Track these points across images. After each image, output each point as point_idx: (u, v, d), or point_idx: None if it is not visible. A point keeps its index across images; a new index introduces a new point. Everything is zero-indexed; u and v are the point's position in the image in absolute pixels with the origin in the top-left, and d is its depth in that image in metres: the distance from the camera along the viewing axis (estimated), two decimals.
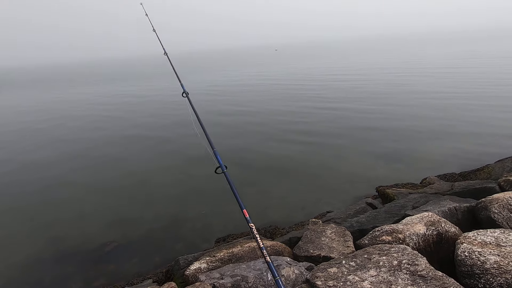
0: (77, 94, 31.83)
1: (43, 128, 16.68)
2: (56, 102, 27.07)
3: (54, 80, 57.24)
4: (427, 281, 2.48)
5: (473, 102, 14.26)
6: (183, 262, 3.79)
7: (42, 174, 9.81)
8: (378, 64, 36.95)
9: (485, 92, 16.06)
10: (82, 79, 53.81)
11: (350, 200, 6.58)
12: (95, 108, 21.72)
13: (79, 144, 12.88)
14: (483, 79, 20.05)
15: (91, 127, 15.96)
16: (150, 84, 35.97)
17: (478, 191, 4.32)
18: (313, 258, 3.29)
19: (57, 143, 13.30)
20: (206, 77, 38.79)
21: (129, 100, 24.45)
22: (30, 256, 5.66)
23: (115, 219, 6.81)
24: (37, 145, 13.26)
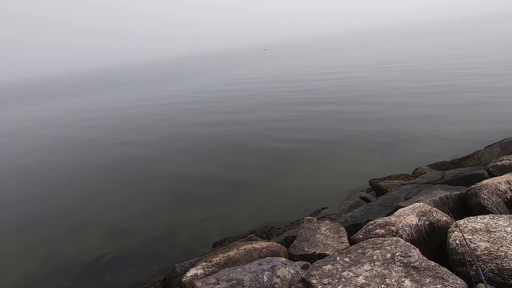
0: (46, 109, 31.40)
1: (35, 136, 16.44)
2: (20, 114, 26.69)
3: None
4: (420, 272, 2.50)
5: (462, 90, 14.44)
6: (179, 269, 3.76)
7: (33, 187, 9.66)
8: (363, 60, 37.23)
9: (474, 81, 16.28)
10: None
11: (345, 195, 6.61)
12: (80, 119, 21.46)
13: (69, 156, 12.71)
14: (470, 68, 20.33)
15: (87, 137, 15.76)
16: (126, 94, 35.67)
17: (468, 178, 4.37)
18: (308, 256, 3.29)
19: (41, 155, 13.10)
20: (192, 81, 38.63)
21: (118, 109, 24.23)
22: (25, 274, 5.56)
23: (110, 229, 6.74)
24: (29, 155, 13.05)
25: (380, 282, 2.46)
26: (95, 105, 27.68)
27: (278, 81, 26.80)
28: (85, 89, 49.68)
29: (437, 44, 42.17)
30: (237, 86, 27.62)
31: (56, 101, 36.32)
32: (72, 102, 33.36)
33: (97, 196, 8.48)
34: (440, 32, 74.87)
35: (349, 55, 44.31)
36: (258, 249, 3.65)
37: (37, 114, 26.86)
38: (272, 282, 2.85)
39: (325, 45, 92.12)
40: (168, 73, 64.11)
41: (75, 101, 33.34)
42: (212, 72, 49.44)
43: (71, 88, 58.66)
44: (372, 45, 60.17)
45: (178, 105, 21.56)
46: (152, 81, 46.94)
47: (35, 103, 38.03)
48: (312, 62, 41.47)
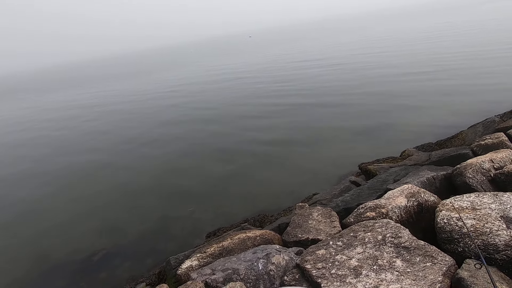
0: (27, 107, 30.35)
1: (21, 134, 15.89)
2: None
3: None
4: (411, 252, 2.57)
5: (443, 73, 14.67)
6: (174, 261, 3.76)
7: (19, 186, 9.40)
8: (344, 45, 37.23)
9: (455, 63, 16.54)
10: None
11: (335, 180, 6.70)
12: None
13: (56, 154, 12.38)
14: (453, 51, 20.61)
15: (68, 135, 15.33)
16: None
17: (453, 158, 4.48)
18: (302, 242, 3.33)
19: (30, 152, 12.72)
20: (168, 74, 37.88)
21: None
22: (17, 275, 5.47)
23: (102, 226, 6.66)
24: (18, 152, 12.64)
25: (373, 263, 2.52)
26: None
27: (264, 71, 26.56)
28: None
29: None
30: (202, 78, 27.24)
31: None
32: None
33: (87, 194, 8.32)
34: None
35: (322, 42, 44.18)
36: (252, 237, 3.67)
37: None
38: (267, 269, 2.89)
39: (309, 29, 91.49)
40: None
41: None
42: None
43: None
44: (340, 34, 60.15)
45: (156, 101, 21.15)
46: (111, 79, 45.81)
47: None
48: (296, 49, 41.20)
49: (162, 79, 32.50)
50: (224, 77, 25.59)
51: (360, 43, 34.44)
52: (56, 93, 36.75)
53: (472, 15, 46.70)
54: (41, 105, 27.96)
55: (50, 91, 39.94)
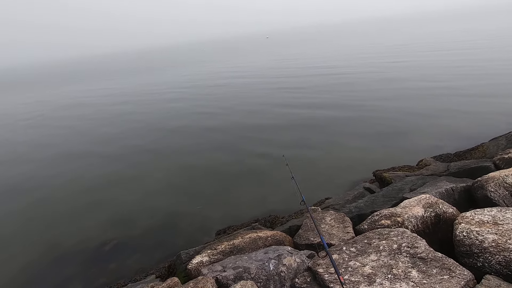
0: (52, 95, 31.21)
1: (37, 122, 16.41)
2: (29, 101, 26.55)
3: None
4: (427, 263, 2.51)
5: (465, 83, 14.27)
6: (184, 256, 3.79)
7: (36, 173, 9.70)
8: (365, 48, 36.73)
9: (476, 72, 16.08)
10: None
11: (348, 185, 6.61)
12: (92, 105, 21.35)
13: (72, 144, 12.71)
14: (474, 60, 20.05)
15: (94, 125, 15.71)
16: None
17: (474, 171, 4.35)
18: (314, 245, 3.31)
19: (47, 140, 13.10)
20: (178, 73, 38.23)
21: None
22: (29, 260, 5.62)
23: (113, 217, 6.78)
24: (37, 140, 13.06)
25: (387, 272, 2.48)
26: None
27: (278, 74, 26.51)
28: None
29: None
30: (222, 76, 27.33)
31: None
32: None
33: (99, 185, 8.50)
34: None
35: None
36: (263, 237, 3.67)
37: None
38: (278, 270, 2.88)
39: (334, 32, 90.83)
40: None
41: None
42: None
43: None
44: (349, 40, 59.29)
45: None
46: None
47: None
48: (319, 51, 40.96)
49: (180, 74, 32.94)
50: (236, 79, 25.69)
51: (378, 48, 33.94)
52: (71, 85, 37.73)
53: (497, 23, 45.30)
54: (66, 95, 28.76)
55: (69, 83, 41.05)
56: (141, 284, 3.57)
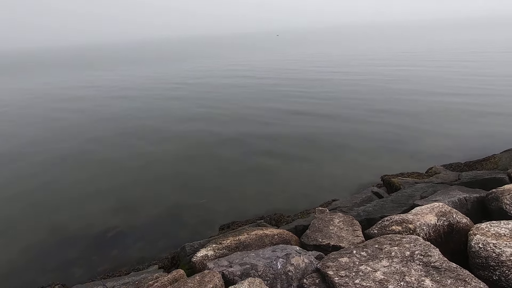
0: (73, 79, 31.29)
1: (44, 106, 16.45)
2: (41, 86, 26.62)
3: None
4: (441, 273, 2.44)
5: (476, 93, 14.10)
6: (189, 249, 3.76)
7: (41, 157, 9.72)
8: (373, 53, 36.42)
9: (487, 84, 15.87)
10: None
11: (354, 189, 6.55)
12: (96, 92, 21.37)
13: (78, 132, 12.73)
14: (488, 69, 19.81)
15: (93, 117, 15.74)
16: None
17: (487, 182, 4.27)
18: (322, 247, 3.25)
19: (55, 124, 13.14)
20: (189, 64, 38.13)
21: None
22: (33, 242, 5.63)
23: (117, 205, 6.77)
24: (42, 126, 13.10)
25: (400, 279, 2.42)
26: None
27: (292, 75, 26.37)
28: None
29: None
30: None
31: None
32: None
33: (104, 172, 8.51)
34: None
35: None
36: (269, 235, 3.62)
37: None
38: (286, 269, 2.83)
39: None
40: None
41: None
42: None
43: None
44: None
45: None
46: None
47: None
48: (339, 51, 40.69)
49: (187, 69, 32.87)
50: (245, 78, 25.60)
51: (386, 54, 33.65)
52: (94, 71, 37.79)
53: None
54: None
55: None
56: (144, 273, 3.54)
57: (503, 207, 3.33)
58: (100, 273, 4.61)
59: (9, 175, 8.69)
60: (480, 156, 7.10)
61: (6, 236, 5.94)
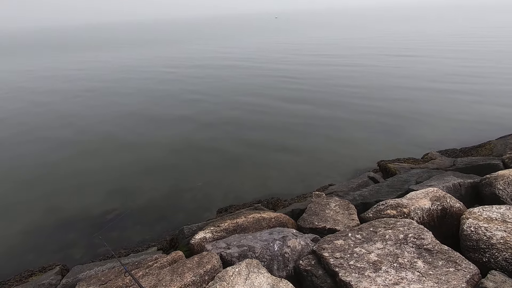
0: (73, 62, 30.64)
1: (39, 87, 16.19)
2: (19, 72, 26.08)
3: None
4: (433, 255, 2.52)
5: (472, 80, 14.05)
6: (187, 231, 3.82)
7: (40, 141, 9.66)
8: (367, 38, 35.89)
9: (484, 68, 15.79)
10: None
11: (350, 174, 6.62)
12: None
13: (76, 116, 12.60)
14: (484, 53, 19.65)
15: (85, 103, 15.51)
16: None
17: (481, 168, 4.33)
18: (318, 230, 3.32)
19: (50, 112, 12.98)
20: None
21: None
22: (32, 224, 5.68)
23: (115, 187, 6.81)
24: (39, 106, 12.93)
25: (393, 260, 2.49)
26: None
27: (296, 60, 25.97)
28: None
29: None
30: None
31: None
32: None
33: (103, 156, 8.49)
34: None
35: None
36: (266, 218, 3.68)
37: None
38: (283, 251, 2.90)
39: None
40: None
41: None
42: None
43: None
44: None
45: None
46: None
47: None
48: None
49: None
50: (242, 64, 25.20)
51: (385, 40, 33.18)
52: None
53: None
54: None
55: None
56: (143, 254, 3.61)
57: (496, 192, 3.40)
58: (100, 254, 4.69)
59: (8, 160, 8.65)
60: (475, 142, 7.16)
61: (6, 218, 5.98)
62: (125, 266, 2.43)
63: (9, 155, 8.85)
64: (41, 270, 4.08)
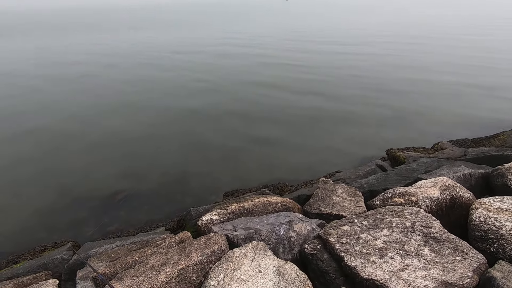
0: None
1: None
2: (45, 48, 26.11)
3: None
4: (440, 243, 2.51)
5: (488, 66, 13.59)
6: (194, 213, 3.88)
7: (49, 118, 9.80)
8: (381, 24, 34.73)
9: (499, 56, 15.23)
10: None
11: (358, 161, 6.57)
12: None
13: (86, 97, 12.68)
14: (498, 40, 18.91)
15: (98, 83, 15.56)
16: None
17: (494, 158, 4.24)
18: (324, 215, 3.34)
19: (65, 87, 13.08)
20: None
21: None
22: (43, 203, 5.83)
23: (123, 169, 6.90)
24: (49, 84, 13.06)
25: (399, 247, 2.49)
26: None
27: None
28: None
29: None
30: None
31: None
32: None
33: (111, 137, 8.57)
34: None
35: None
36: (273, 203, 3.70)
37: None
38: (288, 235, 2.92)
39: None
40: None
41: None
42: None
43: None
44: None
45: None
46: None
47: None
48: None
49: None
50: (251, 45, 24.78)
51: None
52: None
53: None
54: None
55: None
56: (152, 234, 3.70)
57: (508, 183, 3.34)
58: (109, 232, 4.82)
59: (15, 138, 8.81)
60: (488, 133, 7.01)
61: (20, 196, 6.15)
62: (100, 275, 2.49)
63: (16, 133, 8.99)
64: (53, 245, 4.23)
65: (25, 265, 3.39)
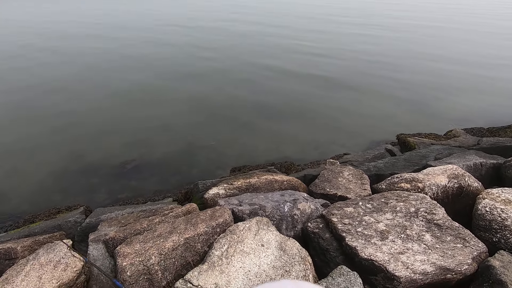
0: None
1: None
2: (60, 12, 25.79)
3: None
4: (442, 230, 2.53)
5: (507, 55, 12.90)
6: (201, 186, 3.97)
7: (64, 89, 9.91)
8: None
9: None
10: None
11: (367, 145, 6.52)
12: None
13: (98, 66, 12.67)
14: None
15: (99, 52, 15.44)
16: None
17: (508, 149, 4.15)
18: (329, 196, 3.37)
19: (74, 58, 13.10)
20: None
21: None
22: (57, 168, 6.03)
23: (133, 139, 7.02)
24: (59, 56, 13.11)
25: (401, 231, 2.53)
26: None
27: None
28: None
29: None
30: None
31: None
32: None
33: (122, 107, 8.65)
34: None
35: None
36: (279, 181, 3.75)
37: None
38: (292, 213, 2.99)
39: None
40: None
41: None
42: None
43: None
44: None
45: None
46: None
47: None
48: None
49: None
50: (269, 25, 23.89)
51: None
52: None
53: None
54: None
55: None
56: (160, 204, 3.83)
57: None
58: (119, 199, 5.01)
59: (27, 106, 8.97)
60: (504, 123, 6.80)
61: (36, 160, 6.36)
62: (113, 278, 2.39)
63: (30, 101, 9.17)
64: (67, 208, 4.43)
65: (41, 225, 3.59)
